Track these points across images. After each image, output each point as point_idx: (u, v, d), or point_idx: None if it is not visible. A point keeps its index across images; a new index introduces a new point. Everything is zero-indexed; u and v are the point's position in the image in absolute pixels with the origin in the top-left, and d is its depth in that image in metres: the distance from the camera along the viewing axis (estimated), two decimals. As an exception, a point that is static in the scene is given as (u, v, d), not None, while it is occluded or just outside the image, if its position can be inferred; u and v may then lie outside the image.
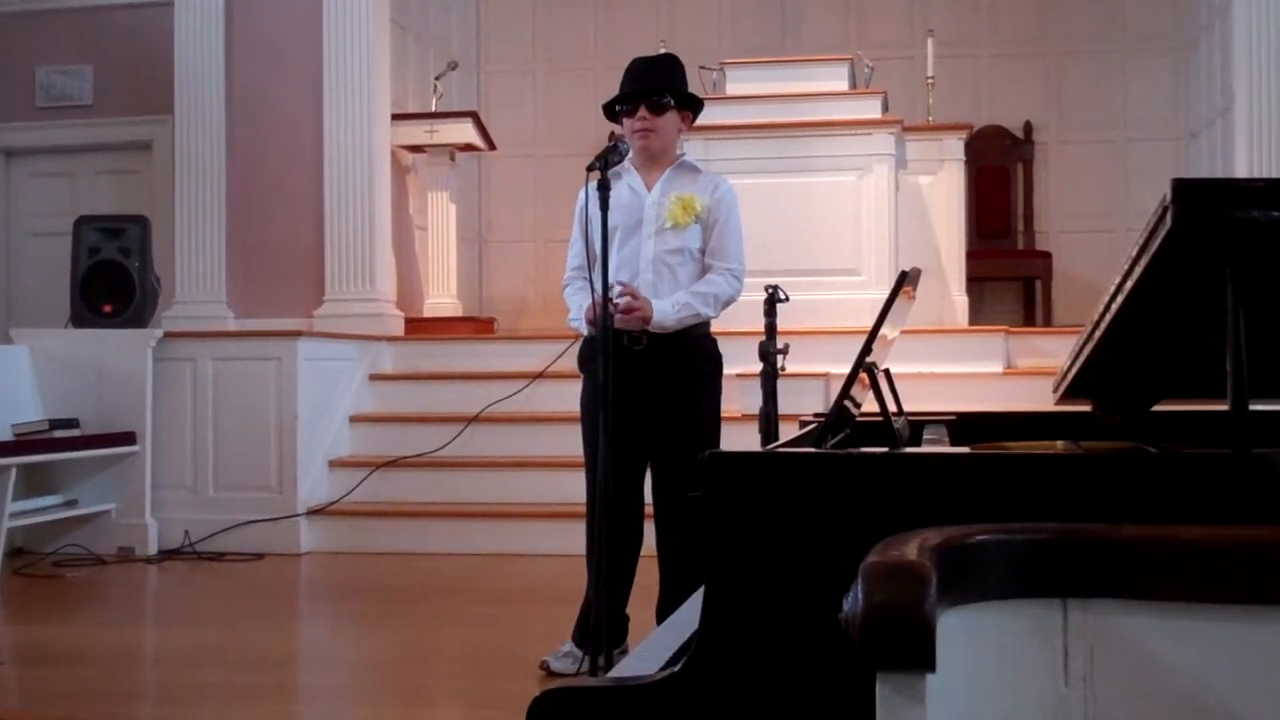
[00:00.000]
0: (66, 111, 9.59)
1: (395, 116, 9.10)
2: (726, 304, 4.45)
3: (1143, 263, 1.91)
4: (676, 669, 1.97)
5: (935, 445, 2.80)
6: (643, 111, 4.41)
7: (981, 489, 1.92)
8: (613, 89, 4.53)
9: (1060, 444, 2.90)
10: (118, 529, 7.26)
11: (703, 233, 4.45)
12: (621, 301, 4.18)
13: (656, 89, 4.42)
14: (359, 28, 8.56)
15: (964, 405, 4.28)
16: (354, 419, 8.02)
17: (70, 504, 7.23)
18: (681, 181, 4.49)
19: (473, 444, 7.67)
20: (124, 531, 7.25)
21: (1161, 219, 1.82)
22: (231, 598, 6.30)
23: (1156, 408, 2.83)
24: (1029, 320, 10.06)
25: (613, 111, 4.52)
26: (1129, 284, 1.99)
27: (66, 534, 7.22)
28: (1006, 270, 10.22)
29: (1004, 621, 1.67)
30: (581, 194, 4.22)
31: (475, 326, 9.55)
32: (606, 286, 3.89)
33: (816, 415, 3.47)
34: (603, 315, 3.86)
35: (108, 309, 7.44)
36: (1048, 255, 10.20)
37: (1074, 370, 2.49)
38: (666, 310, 4.30)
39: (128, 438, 7.23)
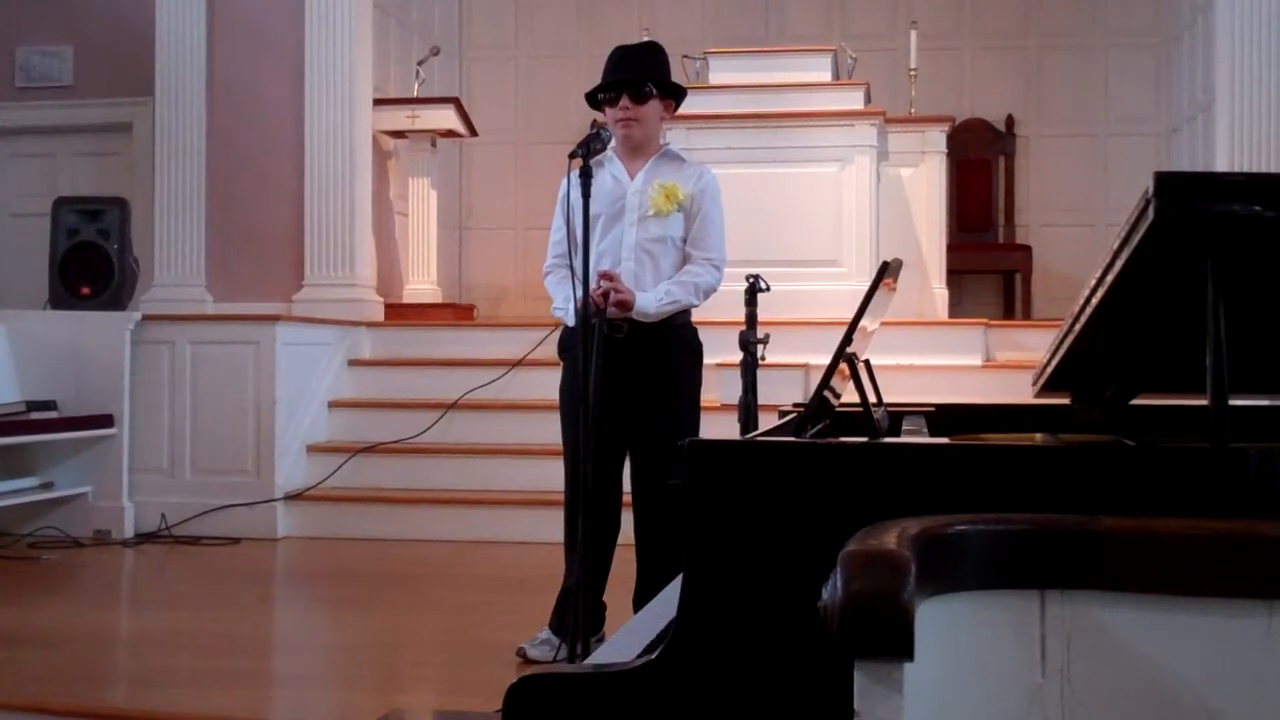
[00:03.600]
0: (46, 92, 9.54)
1: (377, 101, 9.06)
2: (707, 293, 4.45)
3: (1124, 256, 1.91)
4: (653, 656, 1.97)
5: (914, 436, 2.81)
6: (625, 101, 4.40)
7: (961, 480, 1.92)
8: (595, 76, 4.52)
9: (1039, 436, 2.91)
10: (94, 512, 7.23)
11: (685, 221, 4.45)
12: (609, 294, 4.19)
13: (639, 78, 4.41)
14: (341, 11, 8.51)
15: (943, 397, 4.28)
16: (332, 404, 8.00)
17: (46, 486, 7.19)
18: (665, 170, 4.49)
19: (451, 431, 7.65)
20: (100, 514, 7.22)
21: (1144, 212, 1.82)
22: (207, 582, 6.27)
23: (1136, 401, 2.84)
24: (1008, 313, 10.08)
25: (595, 100, 4.51)
26: (1110, 277, 1.99)
27: (42, 516, 7.18)
28: (987, 263, 10.25)
29: (982, 612, 1.68)
30: (564, 181, 4.21)
31: (455, 313, 9.52)
32: (587, 274, 3.89)
33: (796, 405, 3.48)
34: (584, 304, 3.86)
35: (86, 291, 7.40)
36: (1028, 249, 10.22)
37: (1053, 363, 2.50)
38: (649, 300, 4.30)
39: (105, 420, 7.20)
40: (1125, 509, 1.83)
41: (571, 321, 4.31)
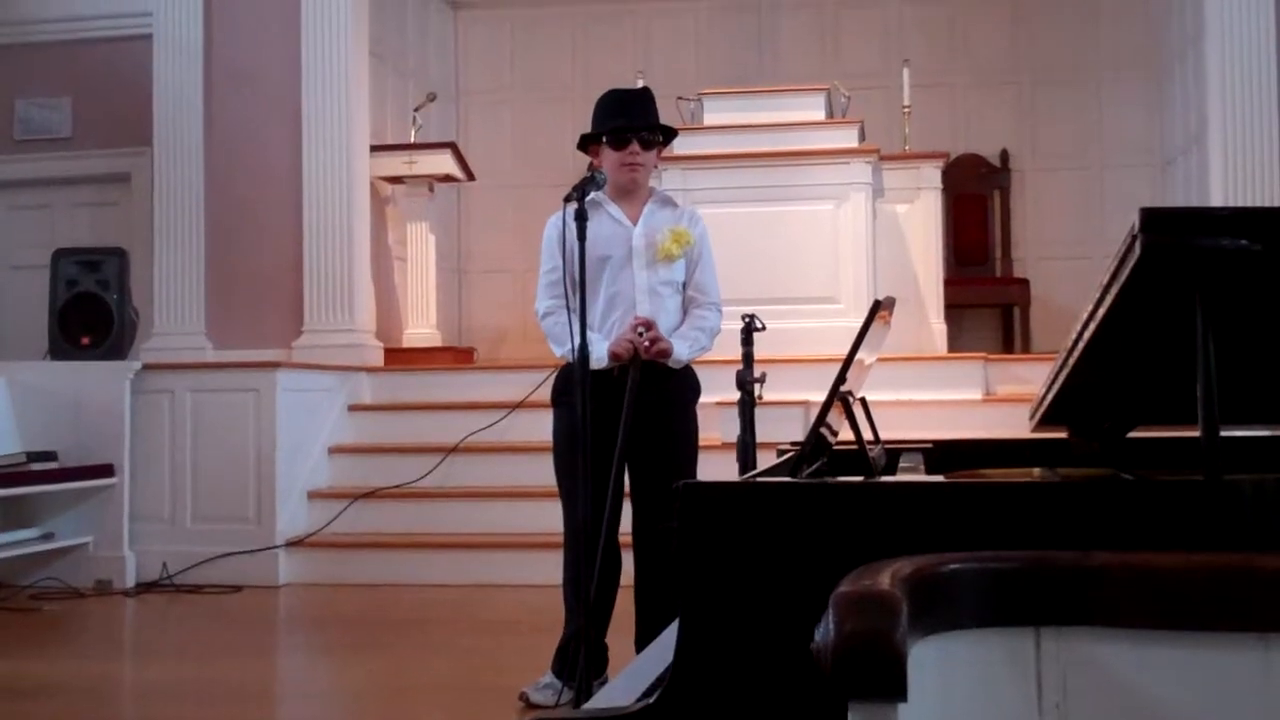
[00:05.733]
0: (45, 144, 9.58)
1: (374, 148, 9.11)
2: (716, 336, 4.52)
3: (1113, 291, 1.92)
4: (651, 700, 1.97)
5: (911, 474, 2.81)
6: (634, 146, 4.45)
7: (957, 517, 1.92)
8: (590, 119, 4.55)
9: (1037, 471, 2.91)
10: (95, 561, 7.22)
11: (687, 265, 4.50)
12: (648, 342, 4.23)
13: (650, 125, 4.47)
14: (338, 60, 8.57)
15: (943, 432, 4.28)
16: (333, 450, 7.99)
17: (47, 537, 7.19)
18: (665, 214, 4.54)
19: (452, 474, 7.65)
20: (101, 564, 7.21)
21: (1130, 248, 1.83)
22: (210, 630, 6.26)
23: (1137, 434, 2.84)
24: (1007, 347, 10.08)
25: (585, 142, 4.55)
26: (1100, 312, 2.00)
27: (43, 567, 7.17)
28: (985, 297, 10.26)
29: (977, 650, 1.67)
30: (554, 221, 4.25)
31: (454, 356, 9.53)
32: (584, 317, 3.91)
33: (794, 443, 3.48)
34: (581, 345, 3.86)
35: (86, 341, 7.42)
36: (1025, 282, 10.25)
37: (1050, 397, 2.50)
38: (683, 349, 4.37)
39: (105, 470, 7.20)
40: (1122, 543, 1.83)
41: (603, 364, 4.32)
